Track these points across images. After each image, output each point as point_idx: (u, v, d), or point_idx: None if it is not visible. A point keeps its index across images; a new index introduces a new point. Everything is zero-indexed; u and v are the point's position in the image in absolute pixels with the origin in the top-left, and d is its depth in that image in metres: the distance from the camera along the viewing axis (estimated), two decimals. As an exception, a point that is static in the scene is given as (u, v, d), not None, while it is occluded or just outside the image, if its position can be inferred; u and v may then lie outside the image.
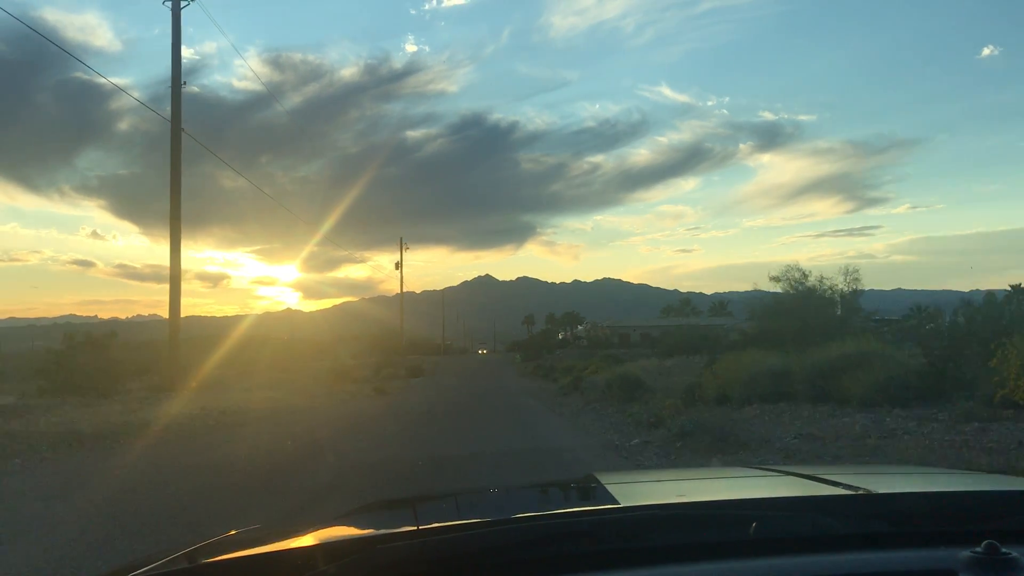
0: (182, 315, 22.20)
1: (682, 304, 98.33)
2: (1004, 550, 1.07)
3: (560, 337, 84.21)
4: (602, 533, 1.28)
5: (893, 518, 1.36)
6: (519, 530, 1.32)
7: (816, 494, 1.63)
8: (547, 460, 10.11)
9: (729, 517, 1.34)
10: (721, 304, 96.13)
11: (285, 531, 1.50)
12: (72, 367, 20.23)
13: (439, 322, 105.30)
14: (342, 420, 16.42)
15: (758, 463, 7.52)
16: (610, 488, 1.78)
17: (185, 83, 22.24)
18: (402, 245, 53.57)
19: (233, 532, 1.63)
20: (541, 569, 1.16)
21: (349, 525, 1.64)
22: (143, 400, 18.00)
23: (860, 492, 1.52)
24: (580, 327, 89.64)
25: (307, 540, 1.39)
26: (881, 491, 1.59)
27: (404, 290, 54.90)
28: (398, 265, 51.21)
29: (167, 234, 21.64)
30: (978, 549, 1.08)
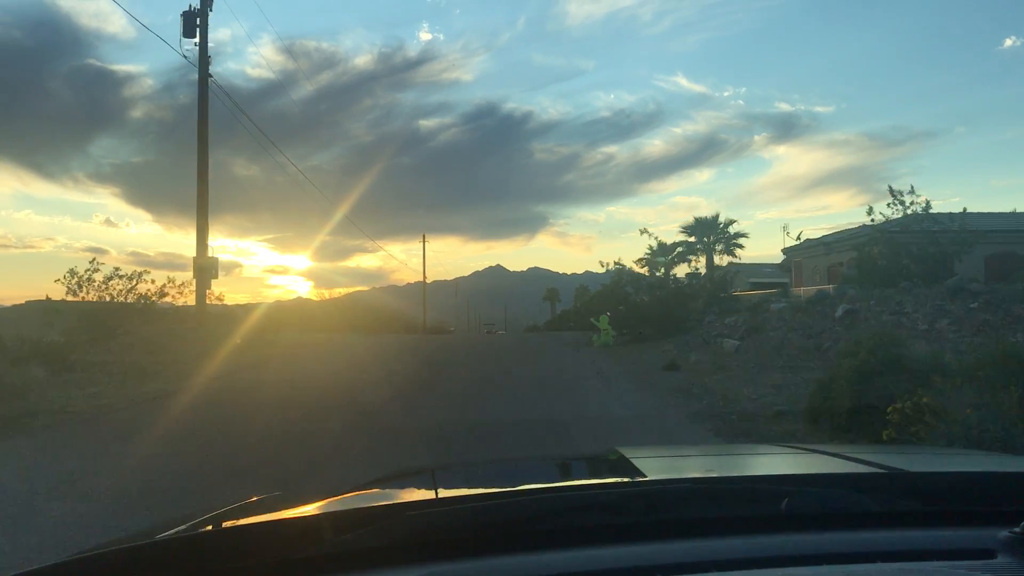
0: (194, 302, 21.72)
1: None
2: None
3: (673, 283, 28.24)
4: (629, 505, 1.27)
5: (927, 497, 1.34)
6: (545, 501, 1.31)
7: (850, 472, 1.62)
8: None
9: (760, 492, 1.33)
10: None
11: (308, 497, 1.50)
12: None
13: (451, 310, 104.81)
14: None
15: None
16: (636, 462, 1.77)
17: (211, 68, 21.38)
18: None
19: (255, 498, 1.63)
20: (566, 541, 1.14)
21: (373, 492, 1.64)
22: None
23: (893, 470, 1.53)
24: (728, 254, 41.87)
25: (333, 506, 1.40)
26: (917, 470, 1.60)
27: (413, 280, 51.81)
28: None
29: (180, 222, 21.84)
30: (1017, 529, 1.06)
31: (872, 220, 23.48)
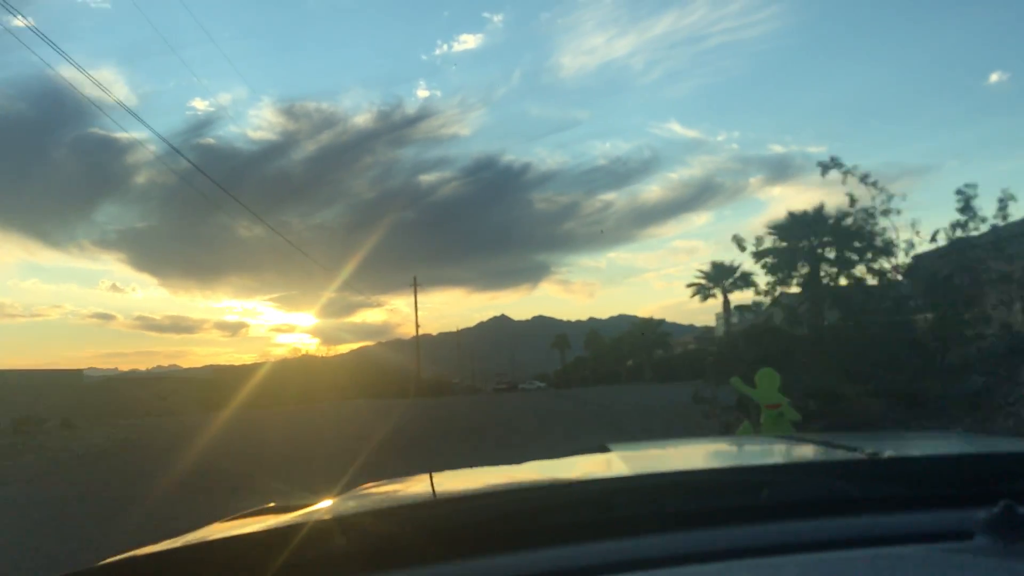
0: (201, 364, 19.28)
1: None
2: (1021, 510, 1.06)
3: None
4: (607, 501, 1.27)
5: (907, 481, 1.35)
6: (528, 498, 1.32)
7: (828, 459, 1.66)
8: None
9: (741, 483, 1.34)
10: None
11: (294, 507, 1.50)
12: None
13: (456, 362, 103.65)
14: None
15: None
16: (622, 457, 1.83)
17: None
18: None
19: (248, 511, 1.65)
20: (546, 539, 1.14)
21: (360, 497, 1.64)
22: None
23: (874, 456, 1.55)
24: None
25: (322, 513, 1.38)
26: (895, 455, 1.62)
27: (420, 332, 49.12)
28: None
29: (186, 285, 19.99)
30: (995, 509, 1.06)
31: None
